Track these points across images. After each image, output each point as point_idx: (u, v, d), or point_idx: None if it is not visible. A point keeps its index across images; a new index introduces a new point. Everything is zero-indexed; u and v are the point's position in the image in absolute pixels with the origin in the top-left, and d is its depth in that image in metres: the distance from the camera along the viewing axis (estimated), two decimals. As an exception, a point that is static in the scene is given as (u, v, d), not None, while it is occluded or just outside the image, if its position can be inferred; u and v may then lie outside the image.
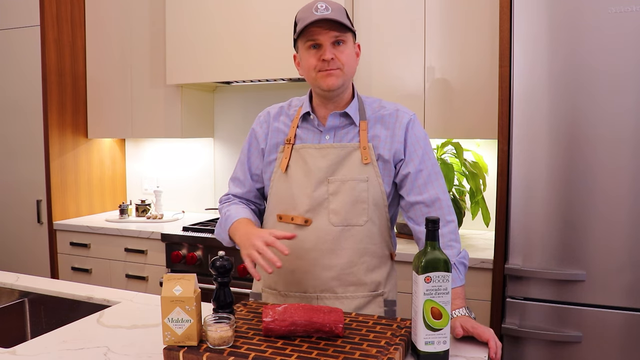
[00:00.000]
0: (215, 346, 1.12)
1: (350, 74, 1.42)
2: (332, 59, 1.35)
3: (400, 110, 1.47)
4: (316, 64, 1.37)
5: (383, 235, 1.46)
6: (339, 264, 1.41)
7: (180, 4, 2.85)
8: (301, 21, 1.36)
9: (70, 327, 1.40)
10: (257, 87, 3.13)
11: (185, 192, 3.43)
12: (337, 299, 1.42)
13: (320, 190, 1.40)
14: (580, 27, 1.90)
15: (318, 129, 1.45)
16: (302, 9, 1.39)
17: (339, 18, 1.33)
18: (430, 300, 1.11)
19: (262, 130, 1.53)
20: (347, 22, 1.37)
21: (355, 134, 1.43)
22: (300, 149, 1.44)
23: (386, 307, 1.47)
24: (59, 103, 3.12)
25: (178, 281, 1.16)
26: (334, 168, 1.41)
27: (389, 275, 1.49)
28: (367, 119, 1.44)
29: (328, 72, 1.36)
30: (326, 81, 1.37)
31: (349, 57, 1.39)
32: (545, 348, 2.00)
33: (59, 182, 3.13)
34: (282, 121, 1.50)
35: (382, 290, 1.46)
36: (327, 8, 1.34)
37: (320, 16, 1.32)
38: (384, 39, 2.56)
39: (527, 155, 2.00)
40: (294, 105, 1.53)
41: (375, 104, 1.49)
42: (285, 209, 1.44)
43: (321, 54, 1.36)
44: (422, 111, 2.50)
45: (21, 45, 3.11)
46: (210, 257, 2.63)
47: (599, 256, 1.91)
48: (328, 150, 1.42)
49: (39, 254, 3.14)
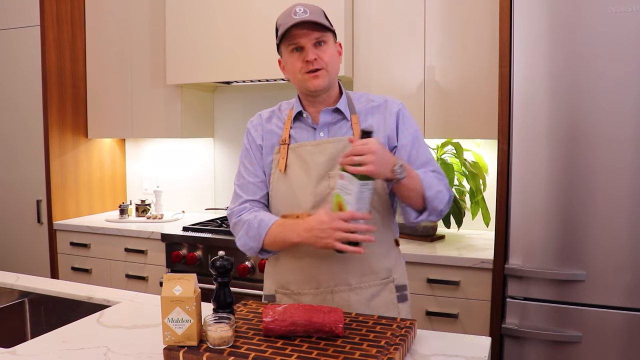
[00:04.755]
0: (215, 346, 1.12)
1: (334, 73, 1.45)
2: (316, 59, 1.39)
3: (388, 101, 1.51)
4: (301, 67, 1.41)
5: (387, 223, 1.49)
6: (350, 255, 1.41)
7: (180, 4, 2.85)
8: (282, 26, 1.40)
9: (70, 327, 1.40)
10: (257, 87, 3.13)
11: (185, 192, 3.43)
12: (352, 290, 1.44)
13: (322, 186, 1.42)
14: (580, 27, 1.90)
15: (312, 126, 1.48)
16: (281, 15, 1.42)
17: (318, 20, 1.37)
18: (337, 195, 1.27)
19: (257, 132, 1.54)
20: (326, 23, 1.41)
21: (348, 128, 1.46)
22: (297, 147, 1.46)
23: (398, 293, 1.49)
24: (59, 103, 3.12)
25: (178, 281, 1.16)
26: (333, 162, 1.42)
27: (397, 261, 1.52)
28: (357, 113, 1.48)
29: (314, 74, 1.40)
30: (313, 83, 1.41)
31: (331, 57, 1.42)
32: (545, 348, 2.00)
33: (59, 182, 3.13)
34: (274, 123, 1.52)
35: (393, 277, 1.49)
36: (306, 11, 1.38)
37: (300, 19, 1.36)
38: (383, 39, 2.56)
39: (527, 155, 2.00)
40: (284, 108, 1.55)
41: (362, 98, 1.52)
42: (289, 208, 1.45)
43: (304, 56, 1.40)
44: (422, 111, 2.50)
45: (21, 45, 3.11)
46: (210, 257, 2.63)
47: (599, 256, 1.91)
48: (325, 145, 1.44)
49: (39, 254, 3.14)
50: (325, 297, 1.44)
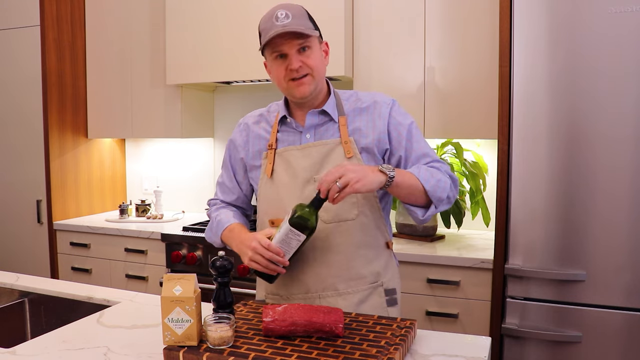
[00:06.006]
0: (215, 346, 1.12)
1: (321, 76, 1.43)
2: (300, 66, 1.36)
3: (378, 102, 1.46)
4: (285, 74, 1.38)
5: (377, 226, 1.46)
6: (336, 260, 1.41)
7: (180, 4, 2.85)
8: (264, 32, 1.37)
9: (70, 327, 1.40)
10: (257, 87, 3.13)
11: (185, 192, 3.43)
12: (339, 295, 1.42)
13: (308, 190, 1.41)
14: (580, 27, 1.90)
15: (297, 130, 1.46)
16: (263, 19, 1.39)
17: (299, 27, 1.33)
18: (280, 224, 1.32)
19: (241, 138, 1.55)
20: (309, 26, 1.37)
21: (335, 130, 1.44)
22: (283, 152, 1.45)
23: (387, 297, 1.47)
24: (59, 103, 3.12)
25: (178, 281, 1.16)
26: (318, 166, 1.41)
27: (387, 264, 1.50)
28: (345, 114, 1.45)
29: (299, 81, 1.38)
30: (299, 90, 1.39)
31: (316, 61, 1.39)
32: (545, 348, 2.00)
33: (59, 182, 3.13)
34: (262, 127, 1.52)
35: (382, 280, 1.47)
36: (287, 15, 1.33)
37: (281, 29, 1.32)
38: (383, 39, 2.56)
39: (527, 155, 2.00)
40: (273, 110, 1.54)
41: (352, 98, 1.49)
42: (276, 213, 1.45)
43: (287, 63, 1.37)
44: (422, 111, 2.50)
45: (21, 45, 3.11)
46: (210, 257, 2.63)
47: (599, 256, 1.91)
48: (310, 149, 1.43)
49: (39, 254, 3.14)
50: (313, 302, 1.43)
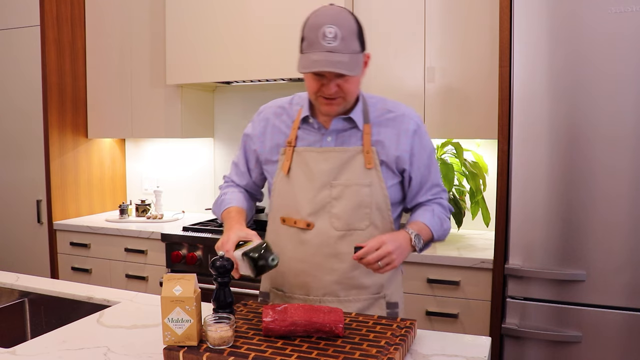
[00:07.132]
0: (215, 346, 1.12)
1: (353, 96, 1.37)
2: (336, 91, 1.31)
3: (406, 115, 1.43)
4: (318, 89, 1.32)
5: None
6: (341, 268, 1.40)
7: (180, 4, 2.85)
8: (307, 45, 1.27)
9: (70, 327, 1.40)
10: (257, 87, 3.13)
11: (185, 192, 3.43)
12: (340, 302, 1.42)
13: (323, 194, 1.39)
14: (580, 27, 1.90)
15: (319, 131, 1.43)
16: (310, 24, 1.28)
17: (343, 62, 1.24)
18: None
19: (258, 128, 1.51)
20: (356, 49, 1.27)
21: (358, 137, 1.41)
22: (302, 152, 1.42)
23: (388, 310, 1.46)
24: (58, 103, 3.12)
25: (178, 281, 1.16)
26: (336, 172, 1.39)
27: (392, 276, 1.49)
28: (371, 123, 1.42)
29: (329, 101, 1.33)
30: (326, 109, 1.35)
31: (352, 85, 1.32)
32: (545, 348, 2.00)
33: (59, 182, 3.13)
34: (283, 121, 1.48)
35: (384, 293, 1.46)
36: (336, 36, 1.23)
37: (324, 60, 1.23)
38: (384, 39, 2.56)
39: (527, 155, 2.00)
40: (296, 103, 1.49)
41: (379, 105, 1.45)
42: (288, 212, 1.44)
43: (324, 83, 1.30)
44: (422, 111, 2.50)
45: (21, 45, 3.11)
46: (210, 257, 2.63)
47: (599, 256, 1.91)
48: (330, 153, 1.40)
49: (39, 254, 3.14)
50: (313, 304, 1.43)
